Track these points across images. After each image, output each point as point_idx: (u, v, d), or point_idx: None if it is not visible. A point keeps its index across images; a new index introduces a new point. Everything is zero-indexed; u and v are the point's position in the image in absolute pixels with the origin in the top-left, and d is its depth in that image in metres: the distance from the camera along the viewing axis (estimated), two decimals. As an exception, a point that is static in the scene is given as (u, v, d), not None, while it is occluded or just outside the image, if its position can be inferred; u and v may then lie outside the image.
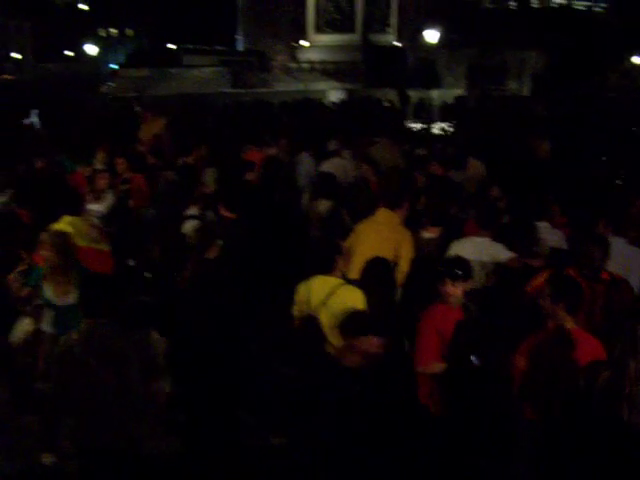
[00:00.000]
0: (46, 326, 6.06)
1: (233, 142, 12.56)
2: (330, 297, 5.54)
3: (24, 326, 6.16)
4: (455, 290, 5.40)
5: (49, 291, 6.00)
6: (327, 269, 5.72)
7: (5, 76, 51.35)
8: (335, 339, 5.51)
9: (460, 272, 5.43)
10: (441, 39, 36.63)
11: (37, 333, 6.16)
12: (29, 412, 6.84)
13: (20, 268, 6.39)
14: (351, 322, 4.74)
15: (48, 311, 6.03)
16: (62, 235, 6.13)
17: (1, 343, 6.28)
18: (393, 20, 40.12)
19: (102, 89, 32.73)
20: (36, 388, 7.02)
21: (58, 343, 4.95)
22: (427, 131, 20.95)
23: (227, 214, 7.61)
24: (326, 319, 5.55)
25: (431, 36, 35.30)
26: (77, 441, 4.98)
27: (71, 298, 5.99)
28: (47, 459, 6.16)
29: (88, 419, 4.74)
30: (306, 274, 5.85)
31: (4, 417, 6.90)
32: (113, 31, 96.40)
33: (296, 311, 5.83)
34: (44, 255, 6.02)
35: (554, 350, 4.78)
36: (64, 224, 7.24)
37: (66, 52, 79.64)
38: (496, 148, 12.79)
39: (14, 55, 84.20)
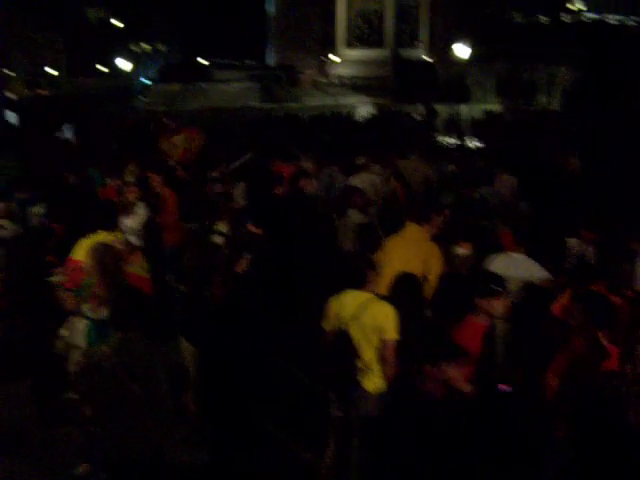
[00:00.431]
0: (79, 338, 6.09)
1: (262, 156, 12.61)
2: (361, 312, 5.53)
3: (62, 334, 6.21)
4: (492, 305, 5.38)
5: (85, 304, 6.05)
6: (359, 284, 5.72)
7: (39, 91, 52.08)
8: (366, 354, 5.52)
9: (496, 287, 5.41)
10: (471, 53, 36.55)
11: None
12: (59, 423, 6.93)
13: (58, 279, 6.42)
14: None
15: (82, 323, 6.06)
16: (103, 249, 6.12)
17: (40, 352, 6.34)
18: (423, 35, 40.13)
19: (134, 103, 33.08)
20: (65, 399, 7.12)
21: (88, 355, 5.00)
22: (457, 146, 20.87)
23: (254, 229, 7.64)
24: (357, 334, 5.54)
25: (461, 51, 35.25)
26: (106, 453, 5.02)
27: (106, 312, 6.03)
28: (79, 470, 6.21)
29: (117, 431, 4.77)
30: (338, 288, 5.85)
31: (34, 429, 6.97)
32: (145, 46, 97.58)
33: (327, 325, 5.83)
34: (86, 268, 6.04)
35: (590, 367, 4.74)
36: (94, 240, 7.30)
37: (99, 67, 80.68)
38: (525, 163, 12.73)
39: (48, 70, 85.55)
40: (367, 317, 5.52)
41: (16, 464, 6.44)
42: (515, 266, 6.53)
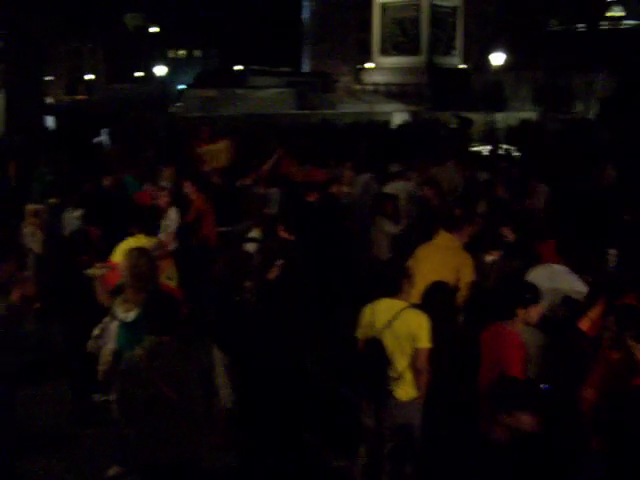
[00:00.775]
0: (109, 339, 6.14)
1: (298, 163, 12.64)
2: (395, 320, 5.51)
3: (94, 334, 6.27)
4: (528, 314, 5.38)
5: (117, 305, 6.11)
6: (393, 292, 5.70)
7: (78, 97, 52.76)
8: (399, 362, 5.52)
9: (530, 296, 5.40)
10: (507, 61, 36.38)
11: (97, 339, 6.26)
12: (93, 424, 6.99)
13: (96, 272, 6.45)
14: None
15: (114, 324, 6.12)
16: (137, 254, 6.17)
17: (76, 353, 6.40)
18: (459, 42, 39.96)
19: (170, 109, 33.37)
20: (95, 401, 7.19)
21: (123, 358, 5.04)
22: (492, 154, 20.75)
23: (285, 235, 7.64)
24: (390, 342, 5.52)
25: (497, 58, 35.10)
26: (138, 455, 5.05)
27: (133, 314, 6.09)
28: (111, 472, 6.26)
29: (149, 434, 4.80)
30: (371, 297, 5.85)
31: (70, 429, 7.05)
32: (181, 52, 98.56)
33: (360, 333, 5.81)
34: (121, 271, 6.10)
35: (624, 380, 4.68)
36: (133, 242, 7.40)
37: (136, 73, 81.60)
38: (560, 173, 12.61)
39: (87, 77, 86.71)
40: (401, 326, 5.50)
41: (50, 464, 6.52)
42: (554, 278, 6.48)
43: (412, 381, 5.57)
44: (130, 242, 7.39)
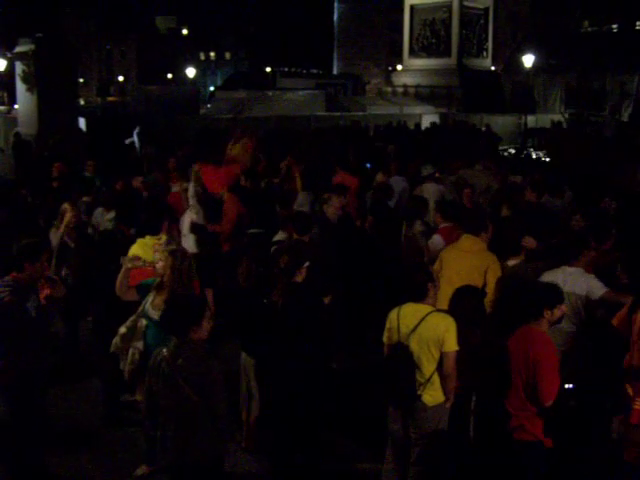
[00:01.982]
0: (136, 337, 6.12)
1: (326, 166, 12.62)
2: (421, 325, 5.48)
3: (120, 332, 6.28)
4: (554, 315, 5.36)
5: (149, 303, 6.14)
6: (419, 296, 5.66)
7: (110, 98, 53.26)
8: (426, 367, 5.50)
9: (555, 297, 5.39)
10: (538, 63, 36.10)
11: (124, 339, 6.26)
12: (123, 424, 7.04)
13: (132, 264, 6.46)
14: None
15: (142, 323, 6.11)
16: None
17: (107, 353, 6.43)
18: (489, 44, 39.77)
19: (200, 110, 33.54)
20: (124, 400, 7.24)
21: (150, 357, 5.06)
22: (522, 156, 20.62)
23: (317, 238, 7.62)
24: (416, 347, 5.49)
25: (528, 60, 34.85)
26: (165, 456, 5.07)
27: None
28: (139, 472, 6.29)
29: (174, 433, 4.83)
30: (398, 300, 5.85)
31: (100, 428, 7.10)
32: (212, 55, 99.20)
33: (386, 338, 5.78)
34: (158, 267, 6.11)
35: None
36: (140, 243, 7.41)
37: (167, 75, 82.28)
38: (592, 175, 12.48)
39: (119, 78, 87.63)
40: (427, 330, 5.47)
41: (79, 462, 6.57)
42: (572, 280, 6.44)
43: (439, 385, 5.53)
44: (141, 244, 7.39)
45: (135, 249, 7.14)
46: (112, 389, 7.32)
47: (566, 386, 5.00)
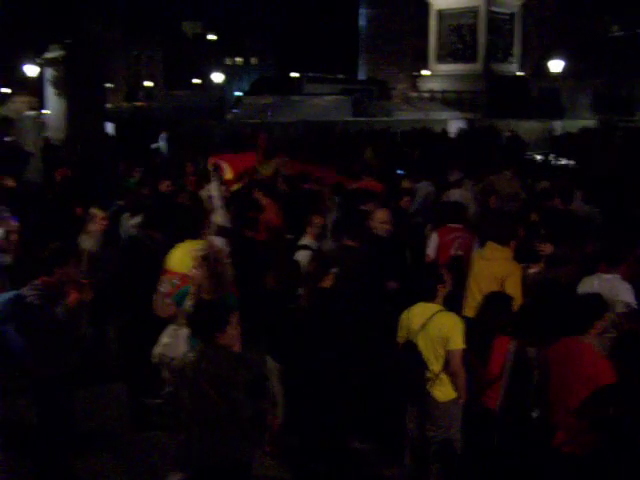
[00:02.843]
0: (181, 346, 6.10)
1: (351, 171, 12.60)
2: (428, 323, 5.63)
3: (163, 342, 6.28)
4: (601, 326, 5.36)
5: (189, 308, 6.12)
6: (428, 297, 5.79)
7: (138, 103, 53.66)
8: (434, 364, 5.57)
9: (603, 308, 5.37)
10: (566, 68, 35.82)
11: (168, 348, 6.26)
12: (145, 427, 7.07)
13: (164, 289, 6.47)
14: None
15: (184, 331, 6.09)
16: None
17: (137, 357, 6.46)
18: (516, 49, 39.56)
19: (227, 115, 33.70)
20: (150, 403, 7.26)
21: (179, 360, 5.07)
22: (550, 163, 20.45)
23: (349, 242, 7.60)
24: (424, 345, 5.63)
25: (555, 65, 34.61)
26: (190, 459, 5.08)
27: None
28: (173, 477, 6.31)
29: (197, 436, 4.84)
30: (411, 301, 5.95)
31: (126, 431, 7.13)
32: (239, 60, 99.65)
33: (400, 337, 5.91)
34: (194, 274, 6.12)
35: None
36: (182, 249, 7.44)
37: (194, 80, 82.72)
38: (620, 183, 12.35)
39: (146, 83, 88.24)
40: (433, 328, 5.60)
41: (104, 465, 6.61)
42: (608, 288, 6.36)
43: (449, 382, 5.62)
44: (181, 248, 7.43)
45: (176, 254, 7.16)
46: (138, 392, 7.36)
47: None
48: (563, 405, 5.23)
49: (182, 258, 6.69)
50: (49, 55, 20.40)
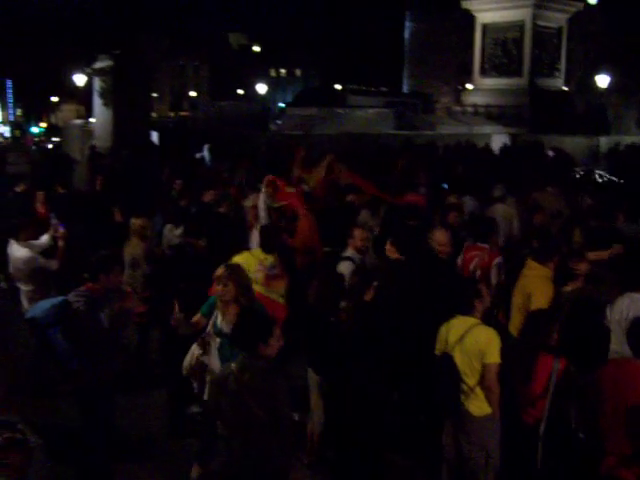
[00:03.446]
0: (212, 356, 6.16)
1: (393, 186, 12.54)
2: (465, 336, 5.63)
3: (194, 353, 6.33)
4: None
5: (220, 319, 6.22)
6: (466, 310, 5.80)
7: (182, 113, 54.23)
8: (469, 378, 5.55)
9: None
10: (612, 83, 35.40)
11: (201, 360, 6.31)
12: (184, 436, 7.11)
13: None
14: None
15: (216, 340, 6.16)
16: (238, 268, 6.28)
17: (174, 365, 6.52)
18: (562, 64, 39.15)
19: (270, 127, 33.88)
20: (190, 412, 7.32)
21: (219, 371, 5.11)
22: (595, 180, 20.19)
23: (395, 255, 7.59)
24: (460, 358, 5.62)
25: (602, 80, 34.23)
26: (228, 467, 5.11)
27: None
28: (194, 473, 6.35)
29: (240, 449, 4.86)
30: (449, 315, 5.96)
31: (164, 439, 7.19)
32: (283, 71, 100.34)
33: (437, 350, 5.91)
34: (219, 288, 6.21)
35: None
36: (247, 255, 7.56)
37: (238, 90, 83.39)
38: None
39: (191, 93, 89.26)
40: (470, 342, 5.60)
41: (144, 472, 6.67)
42: (632, 307, 6.28)
43: (484, 397, 5.59)
44: (245, 256, 7.54)
45: (240, 260, 7.24)
46: (178, 401, 7.42)
47: None
48: (616, 429, 5.07)
49: (241, 262, 6.82)
50: (98, 65, 20.79)
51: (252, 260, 7.60)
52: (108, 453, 6.19)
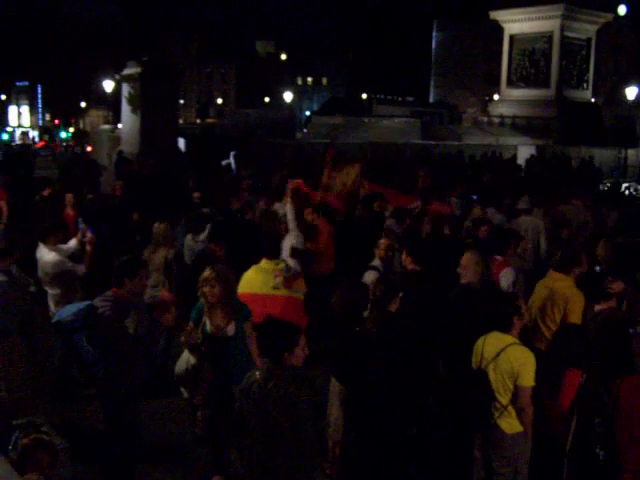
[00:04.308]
0: (205, 358, 6.25)
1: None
2: (500, 355, 5.56)
3: (186, 358, 6.38)
4: None
5: (208, 324, 6.27)
6: (504, 327, 5.72)
7: (209, 119, 54.51)
8: (502, 396, 5.50)
9: None
10: (640, 95, 35.10)
11: (198, 366, 6.35)
12: (206, 443, 7.12)
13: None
14: None
15: (207, 344, 6.23)
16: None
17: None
18: (590, 76, 38.89)
19: (297, 134, 33.96)
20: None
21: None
22: (623, 192, 20.03)
23: (412, 266, 7.59)
24: (494, 376, 5.57)
25: (631, 92, 33.98)
26: (250, 475, 5.10)
27: (229, 331, 6.27)
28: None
29: (262, 457, 4.86)
30: (485, 329, 5.88)
31: (187, 445, 7.20)
32: (309, 80, 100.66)
33: (473, 362, 5.86)
34: (206, 291, 6.27)
35: None
36: (256, 268, 7.56)
37: (265, 98, 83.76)
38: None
39: (218, 100, 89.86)
40: (505, 361, 5.53)
41: (166, 477, 6.68)
42: None
43: (516, 415, 5.53)
44: (255, 268, 7.55)
45: (250, 274, 7.28)
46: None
47: None
48: (632, 445, 5.03)
49: (254, 278, 6.84)
50: (127, 72, 20.96)
51: (265, 271, 7.60)
52: (132, 458, 6.21)
